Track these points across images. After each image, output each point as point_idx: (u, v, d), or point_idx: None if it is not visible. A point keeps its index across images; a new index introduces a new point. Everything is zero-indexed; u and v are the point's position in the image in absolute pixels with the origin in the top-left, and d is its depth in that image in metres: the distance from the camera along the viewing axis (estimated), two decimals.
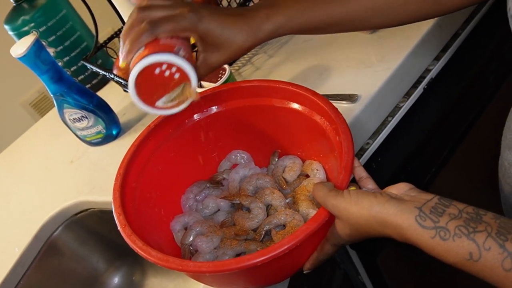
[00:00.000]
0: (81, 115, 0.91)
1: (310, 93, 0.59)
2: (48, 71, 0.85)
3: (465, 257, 0.37)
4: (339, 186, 0.48)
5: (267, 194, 0.62)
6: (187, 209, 0.68)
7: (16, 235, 0.88)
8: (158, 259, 0.48)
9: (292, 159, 0.66)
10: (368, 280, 0.85)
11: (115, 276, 0.95)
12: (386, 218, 0.42)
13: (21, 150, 1.16)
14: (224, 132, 0.70)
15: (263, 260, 0.44)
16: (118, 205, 0.55)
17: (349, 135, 0.52)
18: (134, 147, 0.62)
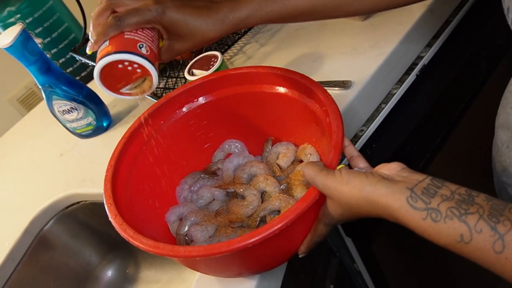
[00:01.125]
0: (70, 106, 0.89)
1: (299, 76, 0.59)
2: (36, 61, 0.83)
3: (456, 239, 0.37)
4: (328, 165, 0.47)
5: (261, 181, 0.62)
6: (182, 200, 0.67)
7: (6, 230, 0.87)
8: (149, 246, 0.47)
9: (285, 145, 0.66)
10: (364, 268, 0.85)
11: (108, 270, 0.94)
12: (377, 199, 0.41)
13: (9, 145, 1.14)
14: (216, 122, 0.69)
15: (253, 242, 0.43)
16: (109, 196, 0.54)
17: (338, 114, 0.52)
18: (125, 139, 0.61)
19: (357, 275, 0.88)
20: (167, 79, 0.88)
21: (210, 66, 0.73)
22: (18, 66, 0.84)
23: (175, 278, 0.89)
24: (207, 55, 0.75)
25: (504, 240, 0.34)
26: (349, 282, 0.87)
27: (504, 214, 0.35)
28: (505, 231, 0.35)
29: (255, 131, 0.68)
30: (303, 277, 0.73)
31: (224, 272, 0.55)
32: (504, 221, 0.35)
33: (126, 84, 0.52)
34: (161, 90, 0.88)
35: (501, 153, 0.56)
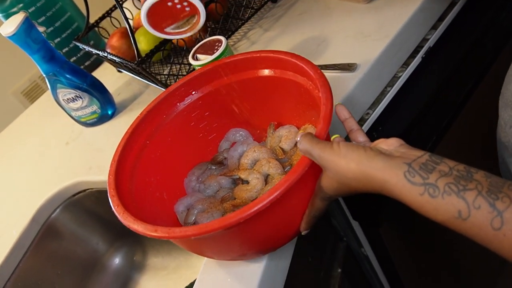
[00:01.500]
0: (75, 94, 0.89)
1: (289, 56, 0.59)
2: (39, 50, 0.83)
3: (454, 215, 0.36)
4: (317, 135, 0.47)
5: (264, 164, 0.62)
6: (190, 191, 0.68)
7: (14, 218, 0.87)
8: (147, 230, 0.48)
9: (287, 128, 0.66)
10: (372, 252, 0.85)
11: (115, 257, 0.95)
12: (374, 173, 0.41)
13: (15, 135, 1.14)
14: (218, 112, 0.69)
15: (246, 217, 0.43)
16: (113, 188, 0.55)
17: (327, 87, 0.52)
18: (127, 135, 0.62)
19: (364, 259, 0.88)
20: (171, 66, 0.88)
21: (214, 50, 0.73)
22: (22, 59, 0.84)
23: (182, 265, 0.90)
24: (211, 39, 0.75)
25: (502, 217, 0.34)
26: (357, 266, 0.87)
27: (503, 191, 0.35)
28: (504, 208, 0.34)
29: (258, 117, 0.68)
30: (311, 260, 0.73)
31: (228, 254, 0.55)
32: (503, 198, 0.34)
33: (172, 24, 0.52)
34: (165, 77, 0.88)
35: (505, 133, 0.56)
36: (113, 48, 0.97)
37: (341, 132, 0.71)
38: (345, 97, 0.69)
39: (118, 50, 0.96)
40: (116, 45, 0.96)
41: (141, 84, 0.99)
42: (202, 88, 0.67)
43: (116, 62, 0.90)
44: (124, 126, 0.90)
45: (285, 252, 0.60)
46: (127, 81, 1.03)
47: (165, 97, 0.65)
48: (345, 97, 0.69)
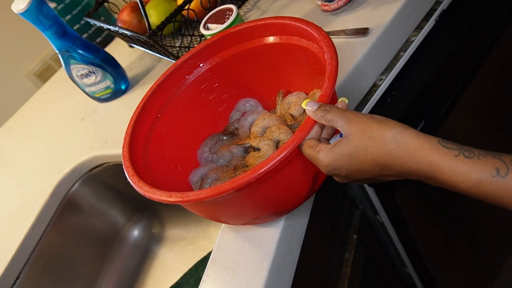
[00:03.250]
0: (88, 70, 0.90)
1: (293, 20, 0.59)
2: (51, 26, 0.84)
3: (491, 173, 0.36)
4: (323, 94, 0.47)
5: (274, 131, 0.62)
6: (203, 162, 0.68)
7: (34, 193, 0.89)
8: (161, 196, 0.49)
9: (296, 95, 0.66)
10: (387, 219, 0.85)
11: (134, 230, 0.96)
12: (408, 139, 0.41)
13: (31, 113, 1.16)
14: (227, 83, 0.69)
15: (256, 176, 0.44)
16: (127, 159, 0.56)
17: (331, 47, 0.52)
18: (139, 109, 0.62)
19: (379, 226, 0.89)
20: (182, 38, 0.88)
21: (225, 19, 0.72)
22: (34, 40, 0.84)
23: (199, 235, 0.91)
24: (221, 8, 0.74)
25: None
26: (373, 233, 0.88)
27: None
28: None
29: (267, 86, 0.69)
30: (327, 226, 0.74)
31: (242, 217, 0.56)
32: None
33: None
34: (177, 49, 0.88)
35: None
36: (123, 23, 0.97)
37: (346, 93, 0.70)
38: (357, 62, 0.69)
39: (129, 25, 0.96)
40: (126, 20, 0.96)
41: (153, 58, 1.00)
42: (209, 59, 0.67)
43: (127, 36, 0.90)
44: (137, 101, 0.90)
45: (301, 216, 0.61)
46: (139, 56, 1.04)
47: (174, 70, 0.66)
48: (358, 62, 0.69)
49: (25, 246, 0.83)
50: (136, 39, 0.87)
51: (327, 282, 0.74)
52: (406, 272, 1.01)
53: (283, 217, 0.58)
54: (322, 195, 0.69)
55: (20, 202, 0.90)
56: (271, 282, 0.54)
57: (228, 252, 0.58)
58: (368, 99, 0.73)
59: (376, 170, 0.44)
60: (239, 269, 0.56)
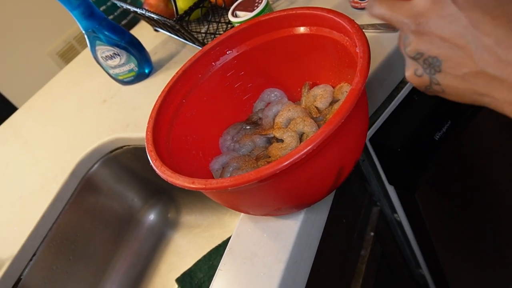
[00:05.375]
0: (113, 52, 0.90)
1: (326, 12, 0.58)
2: (79, 6, 0.84)
3: None
4: (353, 88, 0.46)
5: (299, 123, 0.61)
6: (225, 150, 0.68)
7: (54, 172, 0.90)
8: (184, 182, 0.49)
9: (322, 87, 0.65)
10: (405, 218, 0.85)
11: (150, 213, 0.97)
12: None
13: (53, 93, 1.17)
14: (253, 72, 0.68)
15: (281, 168, 0.43)
16: (151, 143, 0.56)
17: (364, 40, 0.51)
18: (164, 93, 0.62)
19: (396, 225, 0.88)
20: (209, 24, 0.87)
21: (254, 7, 0.72)
22: (57, 20, 0.85)
23: (215, 223, 0.91)
24: None
25: None
26: (389, 232, 0.87)
27: None
28: None
29: (293, 77, 0.68)
30: (345, 222, 0.73)
31: (263, 208, 0.55)
32: None
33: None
34: (202, 35, 0.87)
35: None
36: (150, 6, 0.96)
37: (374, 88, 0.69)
38: (386, 57, 0.68)
39: (156, 8, 0.96)
40: (153, 3, 0.96)
41: (178, 43, 0.99)
42: (237, 47, 0.67)
43: (154, 20, 0.89)
44: (160, 85, 0.91)
45: (321, 210, 0.60)
46: (163, 40, 1.03)
47: (201, 56, 0.65)
48: (387, 58, 0.68)
49: (43, 224, 0.84)
50: (162, 23, 0.87)
51: (342, 278, 0.73)
52: (420, 273, 1.00)
53: (303, 210, 0.57)
54: (342, 190, 0.68)
55: (40, 180, 0.91)
56: (288, 274, 0.54)
57: (246, 242, 0.58)
58: (395, 95, 0.72)
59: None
60: (256, 259, 0.55)
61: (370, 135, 0.71)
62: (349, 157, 0.53)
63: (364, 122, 0.55)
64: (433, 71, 0.39)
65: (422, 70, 0.40)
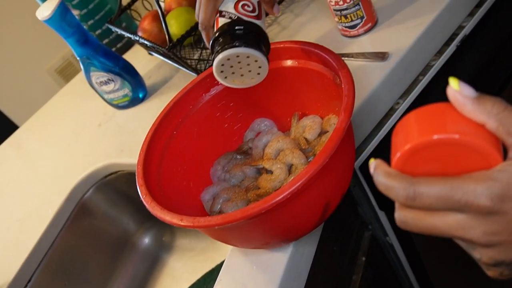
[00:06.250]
0: (107, 78, 0.91)
1: (313, 46, 0.59)
2: (74, 33, 0.85)
3: None
4: (338, 127, 0.47)
5: (287, 154, 0.63)
6: (216, 180, 0.69)
7: (49, 197, 0.91)
8: (173, 219, 0.50)
9: (311, 118, 0.66)
10: (397, 241, 0.85)
11: (145, 237, 0.97)
12: None
13: (50, 115, 1.18)
14: (243, 102, 0.70)
15: (267, 207, 0.44)
16: (141, 177, 0.57)
17: (349, 77, 0.52)
18: (155, 126, 0.63)
19: (389, 248, 0.88)
20: (201, 51, 0.89)
21: None
22: (56, 37, 0.86)
23: (209, 247, 0.92)
24: None
25: None
26: (381, 255, 0.88)
27: None
28: None
29: (283, 107, 0.69)
30: (336, 249, 0.74)
31: (251, 242, 0.56)
32: None
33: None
34: (195, 61, 0.88)
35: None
36: (144, 31, 0.98)
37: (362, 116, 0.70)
38: (375, 87, 0.69)
39: (150, 33, 0.97)
40: (147, 28, 0.97)
41: (172, 67, 1.00)
42: None
43: (147, 46, 0.91)
44: (154, 109, 0.92)
45: (310, 241, 0.61)
46: (158, 64, 1.05)
47: (191, 88, 0.66)
48: (376, 87, 0.69)
49: (38, 249, 0.85)
50: (155, 49, 0.88)
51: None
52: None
53: (292, 243, 0.58)
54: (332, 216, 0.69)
55: (37, 204, 0.92)
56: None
57: (235, 274, 0.59)
58: (384, 122, 0.73)
59: None
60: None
61: (360, 163, 0.71)
62: (336, 192, 0.54)
63: (350, 157, 0.56)
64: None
65: (509, 271, 0.35)
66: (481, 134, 0.32)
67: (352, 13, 0.74)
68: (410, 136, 0.33)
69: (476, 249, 0.34)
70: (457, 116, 0.33)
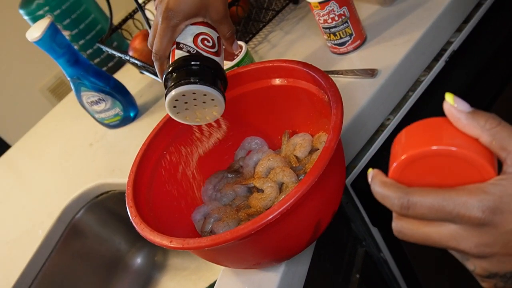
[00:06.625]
0: (98, 97, 0.91)
1: (301, 65, 0.59)
2: (64, 54, 0.85)
3: None
4: (326, 146, 0.47)
5: (278, 173, 0.62)
6: (207, 199, 0.69)
7: (40, 218, 0.90)
8: (162, 240, 0.50)
9: (302, 136, 0.66)
10: (391, 257, 0.85)
11: (137, 257, 0.96)
12: None
13: (41, 135, 1.17)
14: (234, 121, 0.69)
15: (257, 228, 0.44)
16: (131, 199, 0.57)
17: (338, 97, 0.52)
18: (145, 146, 0.63)
19: (383, 264, 0.88)
20: None
21: (234, 56, 0.73)
22: (48, 56, 0.86)
23: (202, 266, 0.91)
24: None
25: None
26: (376, 271, 0.87)
27: None
28: None
29: (273, 125, 0.69)
30: (329, 266, 0.73)
31: (242, 263, 0.56)
32: None
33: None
34: None
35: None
36: (135, 50, 0.98)
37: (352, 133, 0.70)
38: (365, 103, 0.69)
39: (141, 53, 0.98)
40: (138, 47, 0.98)
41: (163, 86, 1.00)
42: None
43: (138, 65, 0.91)
44: (146, 128, 0.92)
45: (302, 259, 0.61)
46: (149, 82, 1.05)
47: None
48: (365, 104, 0.69)
49: (28, 272, 0.83)
50: (146, 69, 0.88)
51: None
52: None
53: (284, 262, 0.58)
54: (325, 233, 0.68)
55: (27, 226, 0.91)
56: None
57: None
58: (376, 138, 0.73)
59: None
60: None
61: (352, 179, 0.71)
62: (327, 210, 0.54)
63: (340, 174, 0.56)
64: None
65: (503, 283, 0.35)
66: (475, 148, 0.33)
67: (341, 31, 0.74)
68: (406, 147, 0.34)
69: (470, 260, 0.35)
70: (453, 130, 0.34)
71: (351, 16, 0.73)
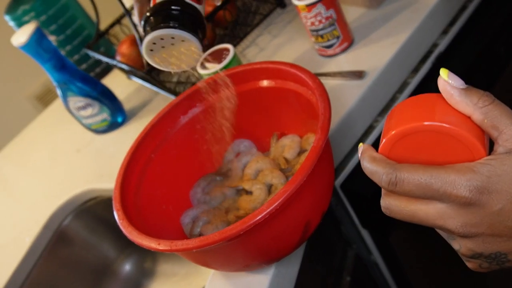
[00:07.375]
0: (85, 103, 0.90)
1: (289, 66, 0.59)
2: (50, 59, 0.84)
3: None
4: (315, 145, 0.47)
5: (267, 175, 0.62)
6: (196, 202, 0.68)
7: (26, 225, 0.89)
8: (150, 243, 0.49)
9: (290, 138, 0.66)
10: (381, 259, 0.84)
11: (126, 264, 0.95)
12: None
13: (28, 141, 1.16)
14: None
15: (245, 228, 0.44)
16: (118, 202, 0.56)
17: (325, 97, 0.52)
18: (132, 149, 0.63)
19: (374, 267, 0.88)
20: (179, 73, 0.88)
21: (222, 59, 0.73)
22: (35, 63, 0.85)
23: (192, 272, 0.90)
24: (219, 48, 0.75)
25: None
26: (366, 274, 0.87)
27: None
28: None
29: (262, 128, 0.69)
30: (320, 269, 0.73)
31: (232, 265, 0.55)
32: None
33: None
34: (174, 84, 0.88)
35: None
36: (123, 55, 0.97)
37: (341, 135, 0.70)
38: (353, 105, 0.69)
39: (128, 57, 0.97)
40: (126, 52, 0.97)
41: (151, 91, 1.00)
42: (204, 101, 0.68)
43: (126, 70, 0.90)
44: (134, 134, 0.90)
45: (292, 261, 0.60)
46: (137, 88, 1.04)
47: (168, 111, 0.66)
48: (353, 105, 0.69)
49: (15, 279, 0.82)
50: (134, 73, 0.88)
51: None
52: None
53: (274, 264, 0.57)
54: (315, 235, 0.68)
55: (13, 233, 0.90)
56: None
57: None
58: (364, 140, 0.73)
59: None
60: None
61: (341, 181, 0.71)
62: (316, 211, 0.54)
63: (329, 175, 0.56)
64: (500, 262, 0.35)
65: (488, 264, 0.35)
66: (466, 126, 0.32)
67: (328, 33, 0.75)
68: (398, 122, 0.34)
69: (456, 239, 0.35)
70: (446, 107, 0.33)
71: (338, 18, 0.74)
